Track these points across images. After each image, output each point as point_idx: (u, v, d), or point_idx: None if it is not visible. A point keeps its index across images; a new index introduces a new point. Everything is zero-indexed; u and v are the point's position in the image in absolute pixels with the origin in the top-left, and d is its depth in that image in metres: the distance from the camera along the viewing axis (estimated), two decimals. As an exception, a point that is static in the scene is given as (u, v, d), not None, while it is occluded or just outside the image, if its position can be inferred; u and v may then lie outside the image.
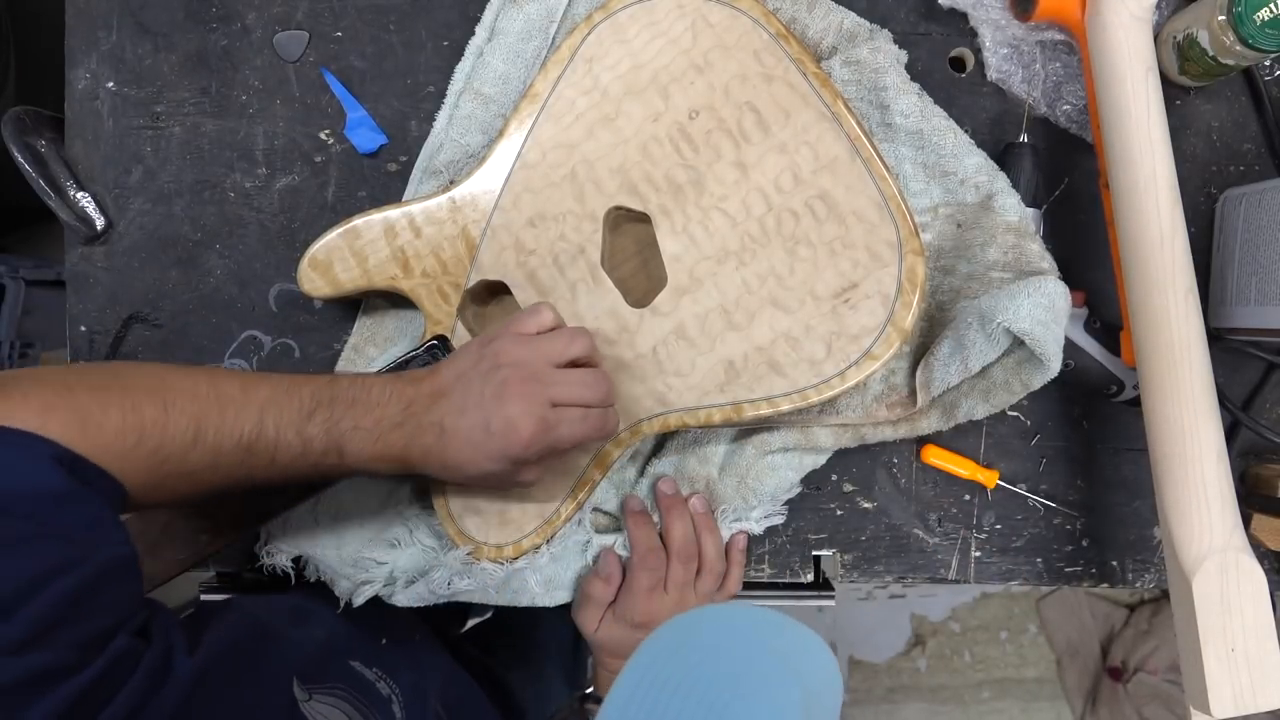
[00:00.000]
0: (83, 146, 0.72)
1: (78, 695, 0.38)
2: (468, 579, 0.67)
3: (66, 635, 0.39)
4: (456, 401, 0.56)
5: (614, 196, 0.65)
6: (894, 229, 0.62)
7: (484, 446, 0.55)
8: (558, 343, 0.58)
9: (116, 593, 0.43)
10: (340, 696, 0.59)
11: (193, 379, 0.50)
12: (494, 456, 0.56)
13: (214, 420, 0.49)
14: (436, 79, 0.72)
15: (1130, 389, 0.70)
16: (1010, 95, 0.73)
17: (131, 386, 0.47)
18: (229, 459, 0.50)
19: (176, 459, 0.48)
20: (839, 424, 0.69)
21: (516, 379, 0.56)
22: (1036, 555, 0.76)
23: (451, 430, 0.55)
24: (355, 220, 0.66)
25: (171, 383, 0.49)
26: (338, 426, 0.53)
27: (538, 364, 0.57)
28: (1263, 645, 0.58)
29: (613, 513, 0.71)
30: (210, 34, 0.72)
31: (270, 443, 0.51)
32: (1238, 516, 0.60)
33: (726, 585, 0.70)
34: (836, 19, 0.68)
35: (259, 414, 0.51)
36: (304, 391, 0.53)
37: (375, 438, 0.54)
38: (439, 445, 0.55)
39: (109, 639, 0.40)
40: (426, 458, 0.56)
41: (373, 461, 0.55)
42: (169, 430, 0.47)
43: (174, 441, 0.47)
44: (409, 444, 0.55)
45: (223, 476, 0.51)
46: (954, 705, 1.84)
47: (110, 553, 0.43)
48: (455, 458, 0.56)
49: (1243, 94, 0.75)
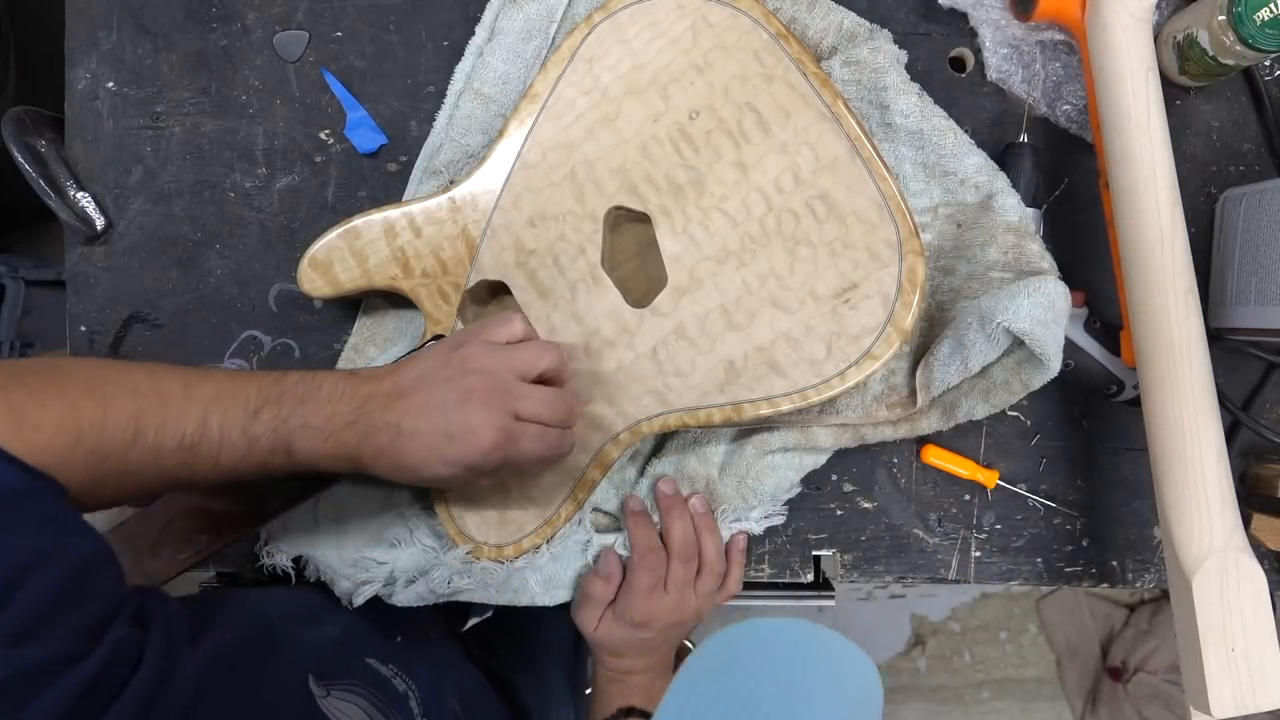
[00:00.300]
0: (83, 146, 0.72)
1: (81, 689, 0.37)
2: (468, 578, 0.67)
3: (61, 625, 0.38)
4: (417, 403, 0.54)
5: (614, 197, 0.65)
6: (894, 229, 0.62)
7: (441, 451, 0.54)
8: (527, 354, 0.58)
9: (102, 581, 0.42)
10: (358, 693, 0.58)
11: (131, 376, 0.49)
12: (450, 462, 0.54)
13: (155, 418, 0.48)
14: (436, 79, 0.72)
15: (1130, 389, 0.70)
16: (1010, 95, 0.73)
17: (68, 384, 0.46)
18: (171, 459, 0.49)
19: (116, 458, 0.46)
20: (839, 424, 0.69)
21: (483, 387, 0.55)
22: (1036, 555, 0.76)
23: (409, 432, 0.54)
24: (355, 220, 0.66)
25: (110, 379, 0.47)
26: (286, 424, 0.52)
27: (505, 375, 0.56)
28: (1263, 645, 0.58)
29: (613, 513, 0.71)
30: (210, 34, 0.72)
31: (214, 443, 0.50)
32: (1238, 516, 0.60)
33: (726, 585, 0.70)
34: (836, 19, 0.69)
35: (202, 412, 0.49)
36: (250, 389, 0.52)
37: (325, 435, 0.53)
38: (393, 446, 0.54)
39: (105, 628, 0.40)
40: (379, 458, 0.54)
41: (323, 460, 0.53)
42: (108, 429, 0.46)
43: (113, 440, 0.46)
44: (361, 443, 0.54)
45: (164, 476, 0.50)
46: (954, 705, 1.84)
47: (85, 544, 0.42)
48: (409, 460, 0.54)
49: (1243, 94, 0.75)
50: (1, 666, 0.36)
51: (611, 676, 0.69)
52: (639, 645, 0.68)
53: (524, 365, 0.57)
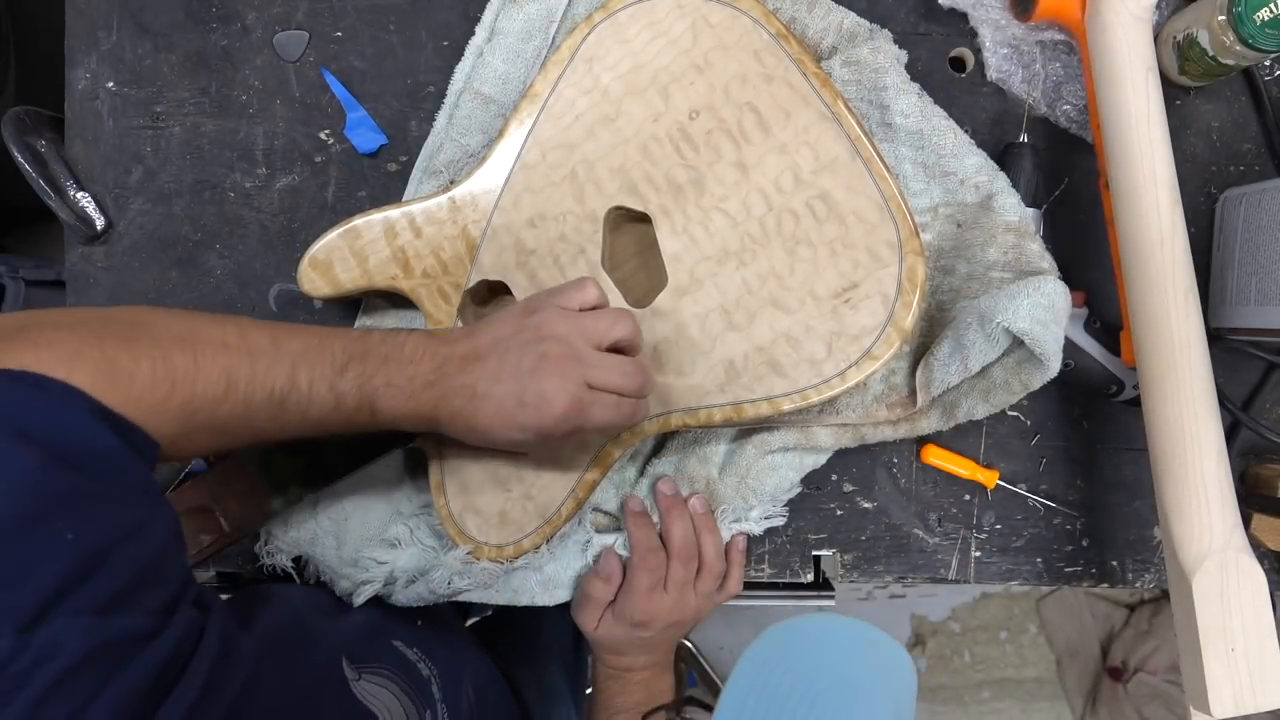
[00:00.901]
0: (83, 146, 0.72)
1: (160, 663, 0.37)
2: (467, 578, 0.67)
3: (145, 599, 0.38)
4: (492, 368, 0.55)
5: (614, 197, 0.65)
6: (894, 229, 0.62)
7: (514, 416, 0.54)
8: (601, 322, 0.57)
9: (177, 559, 0.42)
10: (387, 676, 0.59)
11: (221, 328, 0.48)
12: (523, 427, 0.55)
13: (245, 372, 0.47)
14: (436, 79, 0.72)
15: (1130, 389, 0.70)
16: (1010, 95, 0.73)
17: (160, 335, 0.45)
18: (261, 412, 0.49)
19: (207, 411, 0.46)
20: (839, 424, 0.69)
21: (556, 354, 0.54)
22: (1036, 555, 0.76)
23: (484, 396, 0.54)
24: (355, 220, 0.66)
25: (200, 332, 0.47)
26: (370, 382, 0.52)
27: (579, 343, 0.56)
28: (1263, 645, 0.58)
29: (613, 513, 0.71)
30: (210, 34, 0.72)
31: (303, 396, 0.50)
32: (1238, 516, 0.60)
33: (726, 586, 0.70)
34: (836, 19, 0.68)
35: (291, 367, 0.49)
36: (336, 345, 0.52)
37: (408, 395, 0.53)
38: (469, 409, 0.54)
39: (177, 605, 0.39)
40: (454, 420, 0.55)
41: (404, 419, 0.54)
42: (200, 382, 0.45)
43: (205, 394, 0.46)
44: (439, 404, 0.54)
45: (254, 430, 0.50)
46: (954, 705, 1.84)
47: (168, 517, 0.42)
48: (484, 423, 0.55)
49: (1243, 94, 0.75)
50: (93, 634, 0.35)
51: (612, 674, 0.70)
52: (639, 644, 0.68)
53: (598, 333, 0.56)
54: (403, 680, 0.60)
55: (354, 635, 0.61)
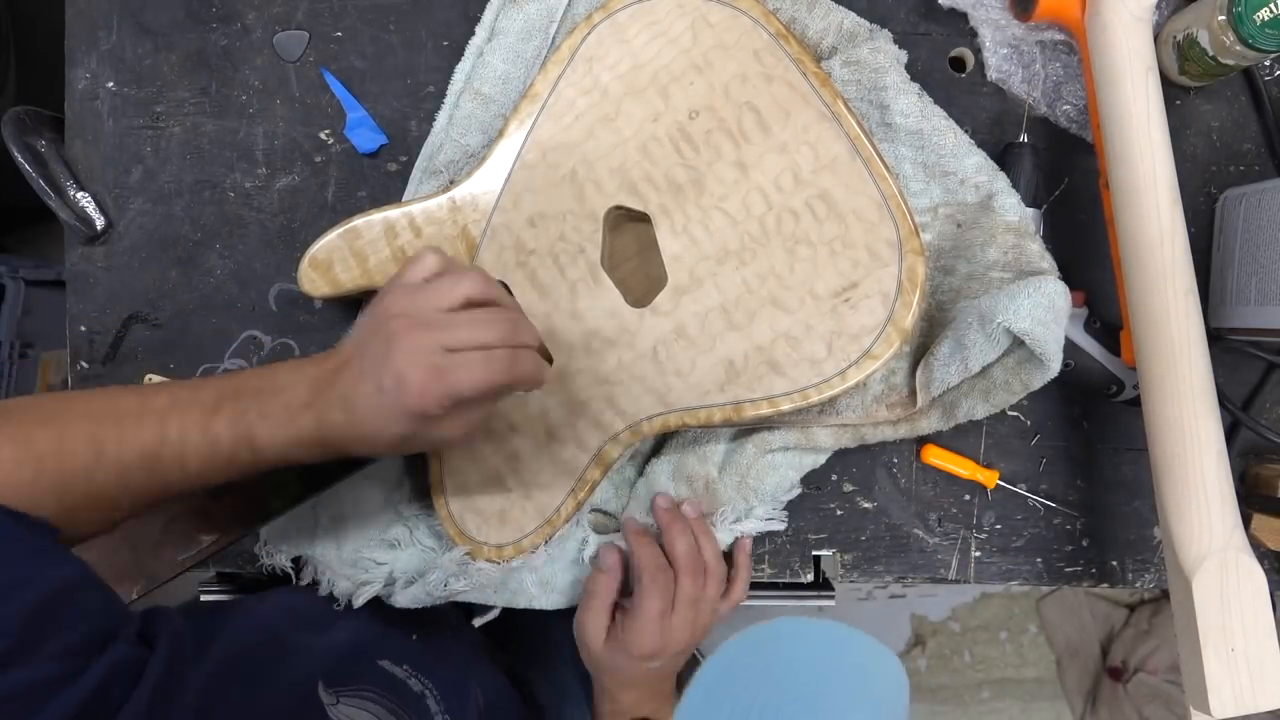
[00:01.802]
0: (83, 146, 0.72)
1: (78, 704, 0.37)
2: (463, 580, 0.67)
3: (50, 648, 0.38)
4: (355, 369, 0.52)
5: (614, 196, 0.65)
6: (894, 228, 0.62)
7: (383, 408, 0.51)
8: (442, 285, 0.53)
9: (86, 603, 0.42)
10: (369, 698, 0.57)
11: (88, 400, 0.49)
12: (395, 416, 0.51)
13: (112, 435, 0.48)
14: (436, 79, 0.72)
15: (1130, 389, 0.70)
16: (1010, 95, 0.73)
17: (21, 419, 0.47)
18: (137, 474, 0.49)
19: (81, 483, 0.47)
20: (839, 424, 0.69)
21: (402, 330, 0.51)
22: (1036, 555, 0.76)
23: (353, 399, 0.51)
24: (355, 220, 0.66)
25: (62, 408, 0.48)
26: (244, 418, 0.51)
27: (425, 311, 0.52)
28: (1263, 645, 0.58)
29: (612, 513, 0.71)
30: (210, 34, 0.72)
31: (176, 448, 0.49)
32: (1238, 516, 0.60)
33: (732, 594, 0.68)
34: (836, 19, 0.69)
35: (159, 421, 0.49)
36: (206, 391, 0.51)
37: (284, 422, 0.51)
38: (347, 419, 0.52)
39: (101, 648, 0.40)
40: (342, 436, 0.52)
41: (289, 448, 0.52)
42: (66, 455, 0.46)
43: (74, 465, 0.46)
44: (320, 422, 0.52)
45: (136, 494, 0.50)
46: (954, 705, 1.84)
47: (61, 570, 0.43)
48: (367, 427, 0.52)
49: (1243, 94, 0.75)
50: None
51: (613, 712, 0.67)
52: (646, 676, 0.66)
53: (441, 297, 0.52)
54: (389, 701, 0.58)
55: (334, 656, 0.59)
